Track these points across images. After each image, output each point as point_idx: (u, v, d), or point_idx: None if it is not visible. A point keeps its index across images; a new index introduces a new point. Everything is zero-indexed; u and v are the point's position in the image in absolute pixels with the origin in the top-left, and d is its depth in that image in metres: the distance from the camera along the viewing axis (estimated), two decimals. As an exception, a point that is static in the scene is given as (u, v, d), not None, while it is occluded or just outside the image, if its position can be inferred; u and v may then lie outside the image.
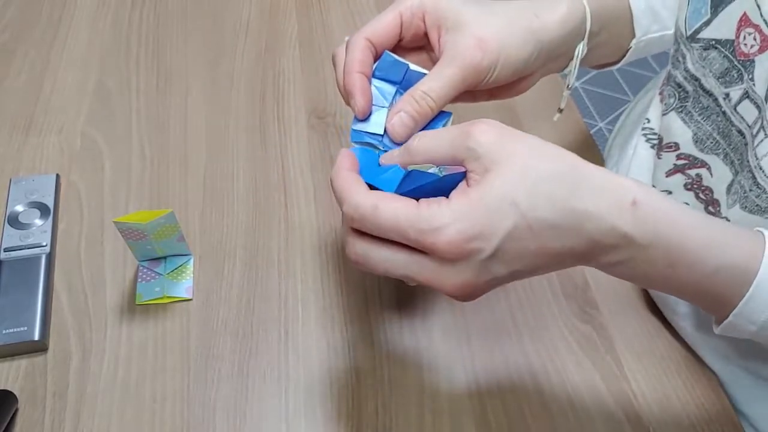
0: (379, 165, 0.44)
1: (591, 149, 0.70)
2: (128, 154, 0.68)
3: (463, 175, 0.40)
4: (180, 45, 0.79)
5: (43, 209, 0.62)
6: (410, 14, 0.48)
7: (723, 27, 0.48)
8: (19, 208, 0.62)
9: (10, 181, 0.64)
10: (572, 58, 0.53)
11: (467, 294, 0.40)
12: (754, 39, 0.45)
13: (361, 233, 0.40)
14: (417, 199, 0.39)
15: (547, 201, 0.38)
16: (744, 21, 0.46)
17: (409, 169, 0.40)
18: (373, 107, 0.47)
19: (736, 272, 0.40)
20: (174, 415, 0.51)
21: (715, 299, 0.42)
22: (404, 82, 0.48)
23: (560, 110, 0.58)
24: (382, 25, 0.47)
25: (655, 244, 0.40)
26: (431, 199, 0.39)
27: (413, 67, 0.48)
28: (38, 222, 0.61)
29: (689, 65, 0.52)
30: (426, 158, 0.41)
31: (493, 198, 0.38)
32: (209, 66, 0.77)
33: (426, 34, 0.49)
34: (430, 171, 0.40)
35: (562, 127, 0.72)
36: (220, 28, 0.82)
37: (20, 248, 0.59)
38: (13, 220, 0.61)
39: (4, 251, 0.59)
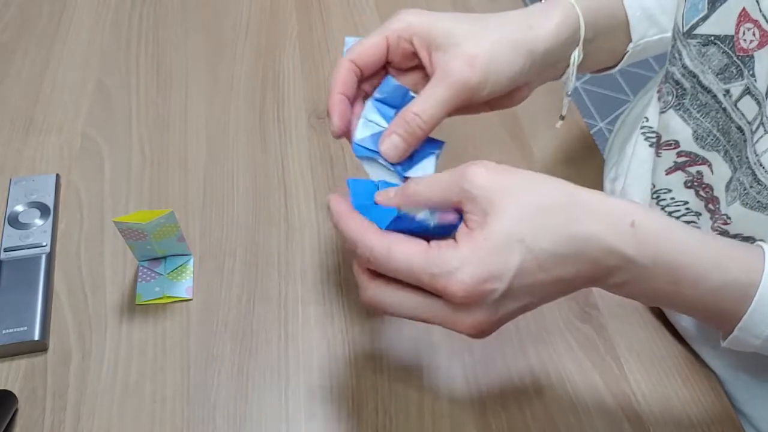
0: (375, 203, 0.44)
1: (591, 149, 0.70)
2: (128, 154, 0.68)
3: (455, 227, 0.41)
4: (180, 45, 0.79)
5: (43, 209, 0.62)
6: (396, 37, 0.49)
7: (722, 22, 0.48)
8: (19, 208, 0.62)
9: (10, 181, 0.64)
10: (568, 66, 0.54)
11: (481, 332, 0.41)
12: (753, 34, 0.45)
13: (375, 275, 0.41)
14: (428, 239, 0.40)
15: (549, 232, 0.39)
16: (743, 16, 0.46)
17: (400, 213, 0.40)
18: (374, 126, 0.48)
19: (738, 287, 0.41)
20: (174, 415, 0.51)
21: (719, 315, 0.43)
22: (402, 107, 0.49)
23: (562, 117, 0.58)
24: (367, 49, 0.49)
25: (656, 263, 0.40)
26: (441, 242, 0.39)
27: (411, 92, 0.49)
28: (38, 222, 0.61)
29: (686, 62, 0.52)
30: (422, 203, 0.42)
31: (498, 238, 0.39)
32: (209, 66, 0.77)
33: (416, 54, 0.49)
34: (420, 215, 0.41)
35: (563, 128, 0.72)
36: (220, 28, 0.82)
37: (20, 248, 0.59)
38: (13, 220, 0.61)
39: (4, 251, 0.59)
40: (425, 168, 0.49)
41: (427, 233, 0.41)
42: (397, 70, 0.51)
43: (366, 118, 0.49)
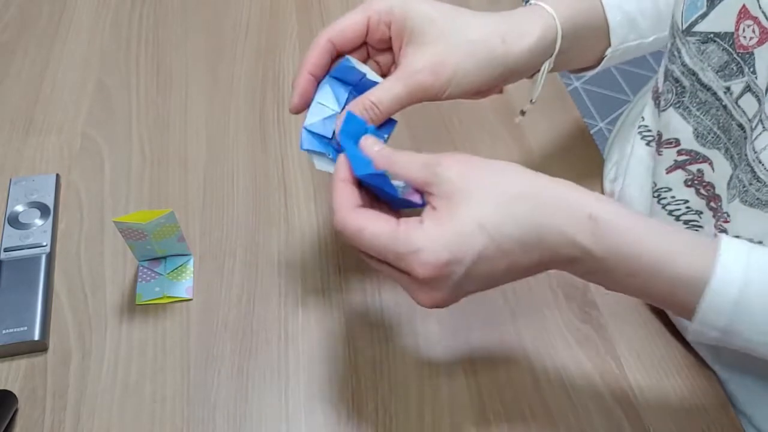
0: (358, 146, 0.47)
1: (591, 149, 0.70)
2: (128, 154, 0.68)
3: (416, 206, 0.44)
4: (180, 45, 0.79)
5: (43, 209, 0.62)
6: (377, 19, 0.50)
7: (722, 19, 0.48)
8: (19, 208, 0.62)
9: (10, 181, 0.64)
10: (538, 71, 0.55)
11: (437, 305, 0.44)
12: (753, 31, 0.45)
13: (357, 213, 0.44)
14: (397, 213, 0.44)
15: (512, 219, 0.41)
16: (743, 13, 0.46)
17: (383, 171, 0.44)
18: (326, 109, 0.50)
19: (689, 281, 0.42)
20: (174, 415, 0.51)
21: (678, 307, 0.44)
22: (359, 87, 0.51)
23: (522, 113, 0.59)
24: (348, 27, 0.50)
25: (612, 255, 0.42)
26: (409, 221, 0.42)
27: (370, 75, 0.50)
28: (38, 222, 0.61)
29: (686, 59, 0.52)
30: (398, 171, 0.45)
31: (462, 223, 0.41)
32: (209, 66, 0.77)
33: (390, 39, 0.51)
34: (396, 181, 0.45)
35: (563, 127, 0.72)
36: (220, 28, 0.82)
37: (20, 248, 0.59)
38: (13, 220, 0.61)
39: (4, 251, 0.59)
40: None
41: (391, 199, 0.45)
42: (373, 49, 0.52)
43: (318, 102, 0.50)
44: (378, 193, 0.46)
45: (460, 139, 0.70)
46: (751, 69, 0.46)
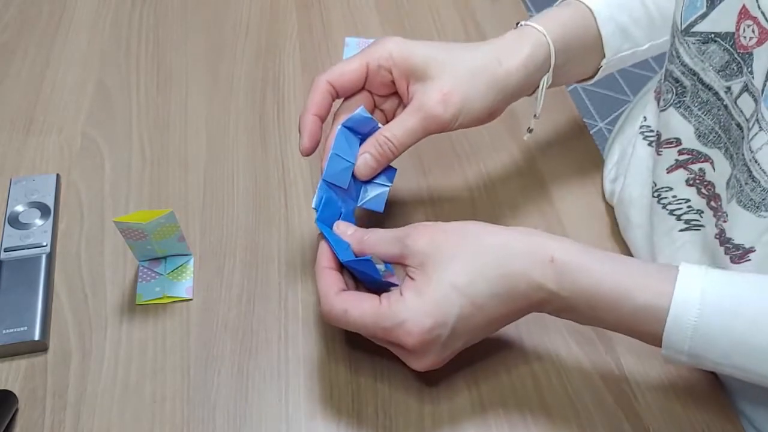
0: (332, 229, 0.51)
1: (591, 149, 0.70)
2: (128, 154, 0.68)
3: (395, 286, 0.48)
4: (180, 45, 0.79)
5: (43, 209, 0.62)
6: (377, 65, 0.52)
7: (722, 20, 0.48)
8: (19, 208, 0.62)
9: (10, 181, 0.64)
10: (538, 87, 0.57)
11: (431, 368, 0.48)
12: (753, 31, 0.46)
13: (346, 312, 0.47)
14: (377, 293, 0.47)
15: (481, 276, 0.45)
16: (743, 13, 0.46)
17: (368, 257, 0.48)
18: (342, 161, 0.52)
19: (651, 312, 0.44)
20: (174, 415, 0.51)
21: (643, 336, 0.46)
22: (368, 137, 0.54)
23: (530, 130, 0.62)
24: (347, 72, 0.52)
25: (574, 294, 0.45)
26: (391, 296, 0.46)
27: (380, 125, 0.53)
28: (38, 222, 0.61)
29: (686, 59, 0.52)
30: (374, 251, 0.49)
31: (438, 288, 0.44)
32: (209, 66, 0.77)
33: (394, 83, 0.53)
34: (380, 265, 0.49)
35: (563, 127, 0.72)
36: (220, 28, 0.82)
37: (20, 248, 0.59)
38: (13, 220, 0.61)
39: (4, 251, 0.59)
40: (378, 201, 0.55)
41: (371, 281, 0.49)
42: (377, 96, 0.55)
43: (335, 153, 0.52)
44: (358, 275, 0.50)
45: (460, 140, 0.70)
46: (749, 69, 0.46)
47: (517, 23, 0.57)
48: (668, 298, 0.43)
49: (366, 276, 0.49)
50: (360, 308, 0.46)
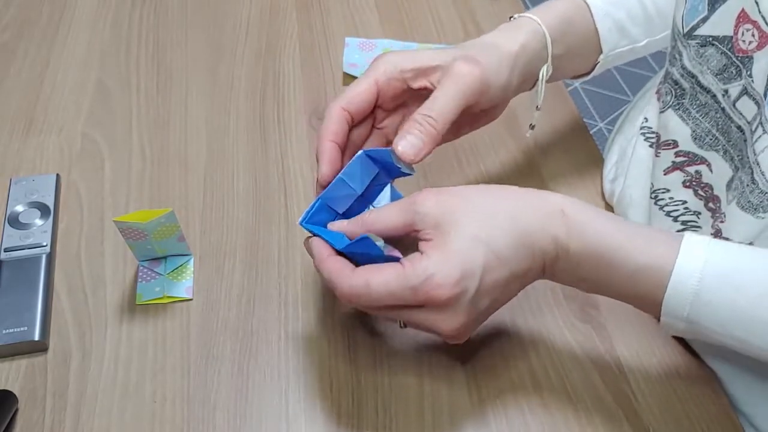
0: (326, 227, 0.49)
1: (591, 149, 0.70)
2: (128, 154, 0.68)
3: (397, 260, 0.45)
4: (180, 45, 0.79)
5: (43, 209, 0.62)
6: (386, 78, 0.51)
7: (721, 23, 0.48)
8: (19, 208, 0.62)
9: (10, 181, 0.64)
10: (537, 79, 0.57)
11: (462, 334, 0.46)
12: (753, 35, 0.46)
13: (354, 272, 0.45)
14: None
15: (499, 230, 0.44)
16: (742, 17, 0.46)
17: (364, 235, 0.45)
18: (347, 187, 0.50)
19: (652, 274, 0.44)
20: (174, 415, 0.51)
21: (643, 300, 0.45)
22: (390, 170, 0.51)
23: (532, 126, 0.62)
24: (359, 94, 0.51)
25: (582, 248, 0.44)
26: (410, 257, 0.44)
27: (405, 168, 0.50)
28: (38, 222, 0.61)
29: (686, 62, 0.52)
30: (379, 227, 0.46)
31: (460, 241, 0.43)
32: (209, 66, 0.77)
33: (408, 90, 0.52)
34: (379, 242, 0.47)
35: (563, 127, 0.72)
36: (220, 28, 0.82)
37: (20, 248, 0.59)
38: (13, 220, 0.61)
39: (4, 251, 0.59)
40: (384, 197, 0.53)
41: (375, 259, 0.46)
42: (383, 111, 0.54)
43: (341, 177, 0.50)
44: (359, 259, 0.47)
45: (460, 141, 0.70)
46: (749, 72, 0.46)
47: (510, 17, 0.57)
48: (671, 261, 0.43)
49: (367, 257, 0.47)
50: (382, 276, 0.43)
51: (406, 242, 0.47)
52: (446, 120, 0.49)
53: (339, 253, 0.47)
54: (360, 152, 0.49)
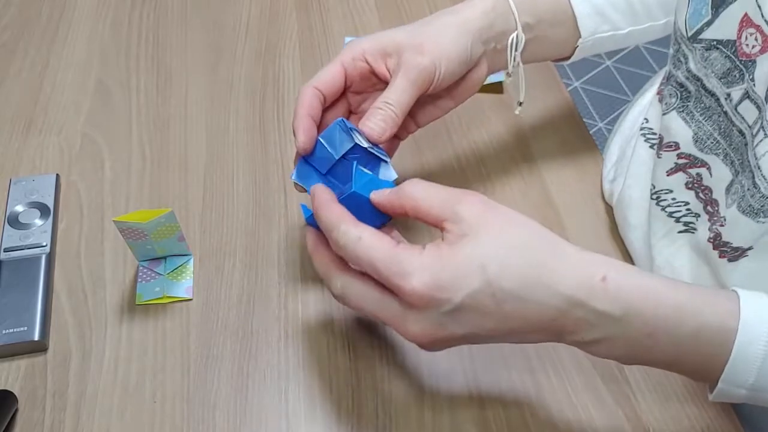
0: (370, 201, 0.48)
1: (591, 149, 0.70)
2: (128, 154, 0.68)
3: (389, 185, 0.46)
4: (180, 45, 0.79)
5: (43, 209, 0.62)
6: (351, 59, 0.54)
7: (724, 27, 0.48)
8: (19, 208, 0.62)
9: (10, 181, 0.64)
10: (509, 50, 0.58)
11: (425, 343, 0.43)
12: (756, 39, 0.46)
13: (342, 269, 0.45)
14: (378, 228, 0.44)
15: (516, 273, 0.40)
16: (745, 21, 0.46)
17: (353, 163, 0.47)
18: (325, 150, 0.51)
19: (716, 332, 0.40)
20: (174, 415, 0.51)
21: (700, 364, 0.42)
22: (361, 153, 0.51)
23: (520, 103, 0.62)
24: (326, 74, 0.53)
25: (629, 314, 0.40)
26: (408, 245, 0.42)
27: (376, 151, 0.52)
28: (38, 222, 0.61)
29: (692, 66, 0.52)
30: (414, 204, 0.44)
31: (463, 257, 0.40)
32: (209, 66, 0.77)
33: (373, 72, 0.54)
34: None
35: (562, 127, 0.72)
36: (220, 28, 0.82)
37: (20, 248, 0.59)
38: (13, 220, 0.61)
39: (4, 251, 0.59)
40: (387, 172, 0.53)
41: (369, 182, 0.47)
42: (357, 95, 0.56)
43: (320, 139, 0.51)
44: (357, 214, 0.45)
45: (460, 140, 0.70)
46: (750, 76, 0.46)
47: None
48: (735, 319, 0.40)
49: (366, 211, 0.46)
50: (375, 240, 0.42)
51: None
52: (403, 108, 0.51)
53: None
54: (338, 119, 0.52)
